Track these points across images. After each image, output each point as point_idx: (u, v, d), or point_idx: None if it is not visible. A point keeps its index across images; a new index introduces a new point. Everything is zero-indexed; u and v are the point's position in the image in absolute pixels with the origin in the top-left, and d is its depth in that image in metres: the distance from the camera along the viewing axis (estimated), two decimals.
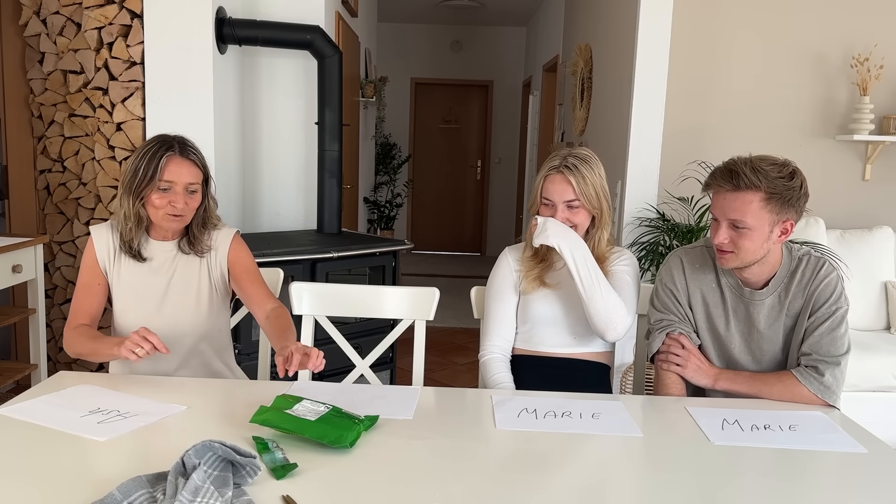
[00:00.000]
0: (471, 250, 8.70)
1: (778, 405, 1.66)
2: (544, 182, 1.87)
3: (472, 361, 4.44)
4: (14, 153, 3.25)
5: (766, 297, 1.72)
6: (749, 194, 1.58)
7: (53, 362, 3.39)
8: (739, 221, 1.60)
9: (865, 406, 2.96)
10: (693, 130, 3.64)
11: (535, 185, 1.92)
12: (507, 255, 2.00)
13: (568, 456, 1.34)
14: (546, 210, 1.88)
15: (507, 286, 1.96)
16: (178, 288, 1.82)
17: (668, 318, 1.79)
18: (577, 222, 1.86)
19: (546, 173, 1.87)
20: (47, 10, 3.17)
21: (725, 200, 1.61)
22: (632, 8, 3.49)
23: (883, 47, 3.55)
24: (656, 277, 1.85)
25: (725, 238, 1.63)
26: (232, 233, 1.88)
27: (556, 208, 1.86)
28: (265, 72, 3.68)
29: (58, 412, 1.44)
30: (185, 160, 1.74)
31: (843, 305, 1.68)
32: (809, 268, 1.71)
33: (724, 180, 1.61)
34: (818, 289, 1.68)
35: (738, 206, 1.59)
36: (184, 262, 1.84)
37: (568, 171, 1.85)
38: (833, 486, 1.25)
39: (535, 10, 7.29)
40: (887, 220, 3.61)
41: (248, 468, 1.16)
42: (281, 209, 3.81)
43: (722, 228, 1.63)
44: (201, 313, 1.85)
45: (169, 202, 1.72)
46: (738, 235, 1.61)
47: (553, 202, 1.86)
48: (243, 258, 1.87)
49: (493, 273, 1.99)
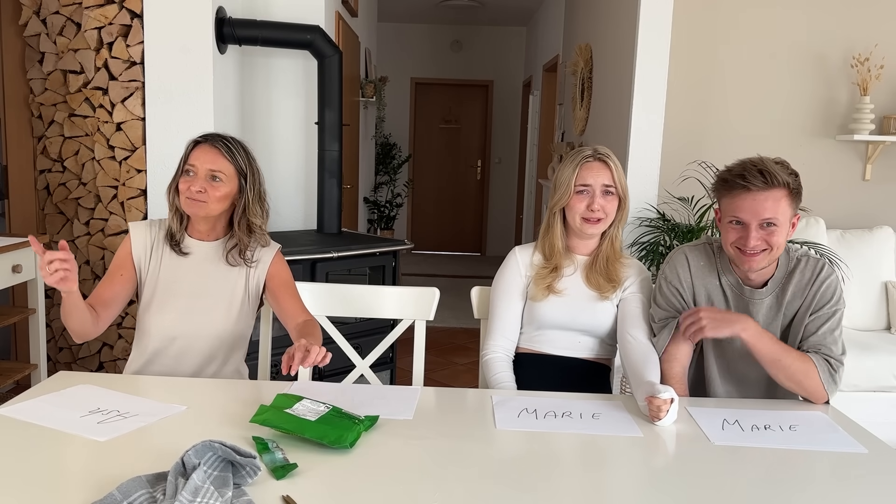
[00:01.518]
0: (471, 250, 8.70)
1: (778, 405, 1.66)
2: (580, 170, 1.86)
3: (472, 361, 4.44)
4: (14, 153, 3.25)
5: (765, 297, 1.72)
6: (777, 191, 1.60)
7: (53, 362, 3.39)
8: (773, 219, 1.60)
9: (865, 406, 2.96)
10: (693, 130, 3.65)
11: (563, 178, 1.88)
12: (516, 255, 1.98)
13: (568, 456, 1.34)
14: (581, 198, 1.85)
15: (514, 288, 1.95)
16: (211, 291, 1.83)
17: (673, 316, 1.78)
18: (610, 210, 1.86)
19: (580, 162, 1.87)
20: (47, 10, 3.17)
21: (756, 200, 1.60)
22: (632, 8, 3.48)
23: (883, 47, 3.55)
24: (660, 274, 1.84)
25: (759, 240, 1.61)
26: (276, 248, 1.91)
27: (593, 195, 1.85)
28: (265, 72, 3.68)
29: (58, 412, 1.44)
30: (211, 147, 1.76)
31: (842, 307, 1.70)
32: (809, 268, 1.71)
33: (754, 179, 1.59)
34: (820, 289, 1.69)
35: (770, 205, 1.60)
36: (224, 272, 1.84)
37: (603, 157, 1.87)
38: (833, 486, 1.25)
39: (535, 10, 7.29)
40: (887, 220, 3.61)
41: (248, 468, 1.16)
42: (281, 209, 3.81)
43: (752, 230, 1.61)
44: (230, 319, 1.85)
45: (189, 186, 1.74)
46: (769, 234, 1.61)
47: (591, 187, 1.85)
48: (282, 272, 1.88)
49: (500, 272, 1.98)
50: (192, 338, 1.82)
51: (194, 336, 1.81)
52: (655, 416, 1.48)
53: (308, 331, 1.72)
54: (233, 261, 1.83)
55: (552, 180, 1.95)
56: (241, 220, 1.82)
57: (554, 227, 1.92)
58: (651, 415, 1.50)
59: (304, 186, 3.82)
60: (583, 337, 1.92)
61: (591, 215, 1.85)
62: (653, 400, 1.49)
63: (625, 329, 1.85)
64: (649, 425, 1.49)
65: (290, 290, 1.87)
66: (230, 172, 1.77)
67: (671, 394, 1.49)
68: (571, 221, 1.89)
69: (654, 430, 1.47)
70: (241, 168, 1.79)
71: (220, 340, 1.85)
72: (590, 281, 1.90)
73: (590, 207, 1.85)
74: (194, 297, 1.82)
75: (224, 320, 1.84)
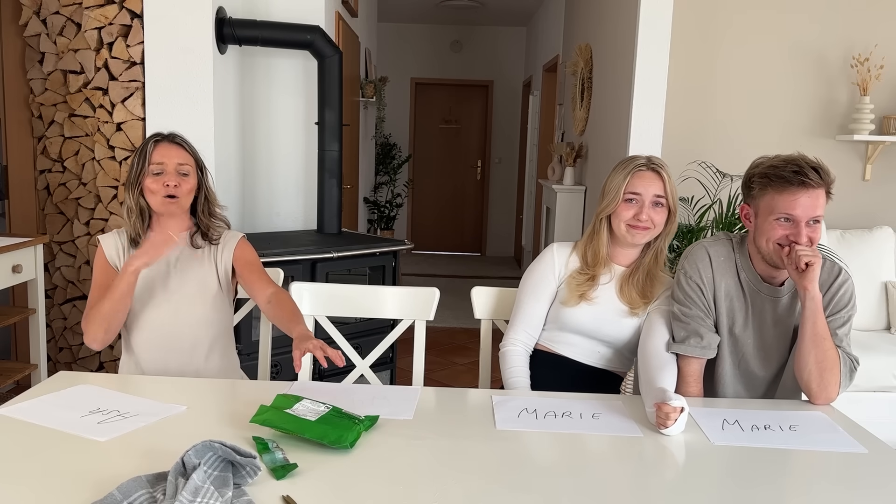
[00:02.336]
0: (471, 250, 8.70)
1: (778, 405, 1.66)
2: (631, 178, 1.83)
3: (472, 361, 4.44)
4: (14, 153, 3.25)
5: (782, 296, 1.72)
6: (820, 190, 1.62)
7: (53, 362, 3.39)
8: (819, 217, 1.62)
9: (865, 406, 2.96)
10: (693, 130, 3.65)
11: (612, 184, 1.86)
12: (553, 253, 1.95)
13: (568, 456, 1.34)
14: (630, 207, 1.84)
15: (545, 286, 1.93)
16: (186, 283, 1.87)
17: (692, 313, 1.75)
18: (658, 221, 1.85)
19: (632, 170, 1.84)
20: (47, 10, 3.17)
21: (810, 198, 1.60)
22: (632, 8, 3.49)
23: (883, 47, 3.55)
24: (679, 269, 1.81)
25: (805, 238, 1.62)
26: (239, 235, 1.97)
27: (643, 204, 1.83)
28: (265, 72, 3.68)
29: (58, 412, 1.44)
30: (172, 144, 1.84)
31: (855, 312, 1.71)
32: (826, 271, 1.71)
33: (812, 175, 1.60)
34: (838, 293, 1.69)
35: (819, 203, 1.62)
36: (193, 259, 1.89)
37: (656, 167, 1.85)
38: (833, 486, 1.25)
39: (535, 10, 7.29)
40: (887, 220, 3.61)
41: (248, 468, 1.16)
42: (281, 209, 3.81)
43: (801, 228, 1.61)
44: (208, 309, 1.89)
45: (163, 183, 1.80)
46: (812, 230, 1.62)
47: (641, 197, 1.83)
48: (246, 254, 1.94)
49: (534, 267, 1.96)
50: (174, 331, 1.86)
51: (176, 329, 1.86)
52: (662, 424, 1.45)
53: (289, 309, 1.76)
54: (200, 242, 1.89)
55: (602, 186, 1.92)
56: (203, 208, 1.90)
57: (600, 233, 1.90)
58: (658, 422, 1.46)
59: (304, 186, 3.82)
60: (603, 348, 1.91)
61: (637, 223, 1.83)
62: (662, 406, 1.45)
63: (647, 338, 1.81)
64: (649, 425, 1.49)
65: (255, 267, 1.92)
66: (193, 164, 1.86)
67: (682, 403, 1.45)
68: (616, 229, 1.87)
69: (653, 431, 1.47)
70: (198, 160, 1.90)
71: (201, 330, 1.88)
72: (623, 294, 1.88)
73: (637, 217, 1.83)
74: (169, 292, 1.86)
75: (202, 310, 1.88)
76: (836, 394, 1.65)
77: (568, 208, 4.65)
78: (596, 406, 1.60)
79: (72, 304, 3.36)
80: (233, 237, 1.95)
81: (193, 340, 1.88)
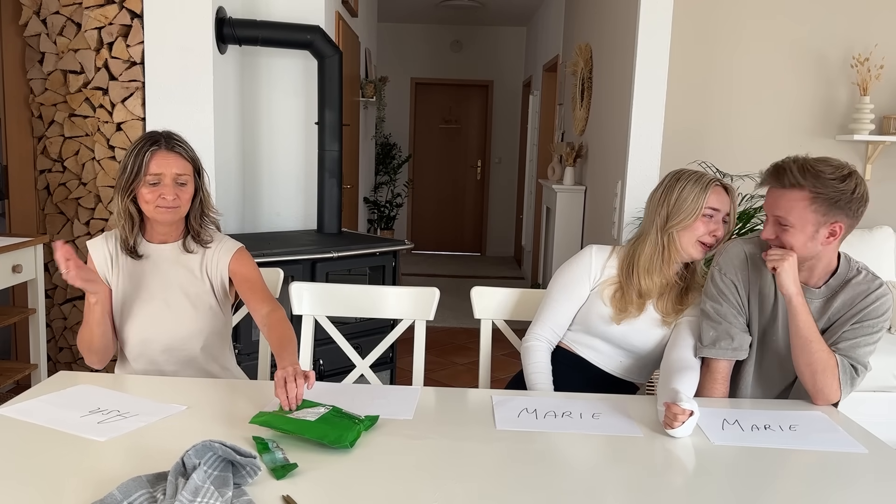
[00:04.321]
0: (471, 250, 8.70)
1: (778, 405, 1.66)
2: (711, 193, 1.80)
3: (472, 361, 4.44)
4: (14, 153, 3.25)
5: (815, 299, 1.69)
6: (794, 192, 1.60)
7: (53, 362, 3.39)
8: (783, 219, 1.61)
9: (865, 406, 2.96)
10: (693, 130, 3.64)
11: (688, 198, 1.80)
12: (592, 255, 1.92)
13: (568, 456, 1.34)
14: (706, 222, 1.81)
15: (578, 287, 1.90)
16: (177, 291, 1.82)
17: (724, 310, 1.74)
18: (720, 236, 1.83)
19: (709, 185, 1.81)
20: (47, 10, 3.17)
21: (772, 197, 1.65)
22: (632, 8, 3.48)
23: (883, 47, 3.55)
24: (713, 265, 1.80)
25: (771, 234, 1.65)
26: (235, 247, 1.88)
27: (718, 220, 1.82)
28: (265, 72, 3.68)
29: (58, 412, 1.44)
30: (170, 153, 1.75)
31: (885, 329, 1.68)
32: (866, 282, 1.67)
33: (771, 178, 1.64)
34: (873, 304, 1.65)
35: (782, 204, 1.61)
36: (185, 266, 1.83)
37: (728, 186, 1.84)
38: (833, 486, 1.25)
39: (535, 10, 7.29)
40: (887, 220, 3.61)
41: (248, 468, 1.16)
42: (281, 209, 3.81)
43: (769, 224, 1.65)
44: (200, 317, 1.84)
45: (159, 195, 1.73)
46: (782, 231, 1.63)
47: (718, 213, 1.82)
48: (243, 268, 1.86)
49: (570, 265, 1.93)
50: (167, 340, 1.81)
51: (168, 338, 1.81)
52: (669, 424, 1.43)
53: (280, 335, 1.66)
54: (192, 247, 1.84)
55: (665, 198, 1.84)
56: (197, 212, 1.83)
57: (670, 247, 1.83)
58: (665, 422, 1.44)
59: (304, 186, 3.82)
60: (626, 357, 1.90)
61: (711, 241, 1.81)
62: (672, 406, 1.43)
63: (673, 345, 1.80)
64: (649, 426, 1.49)
65: (252, 283, 1.84)
66: (191, 172, 1.79)
67: (693, 406, 1.43)
68: (680, 244, 1.82)
69: (653, 431, 1.47)
70: (196, 165, 1.81)
71: (194, 340, 1.83)
72: (658, 305, 1.86)
73: (713, 233, 1.81)
74: (160, 300, 1.81)
75: (193, 319, 1.83)
76: (837, 396, 1.64)
77: (568, 208, 4.65)
78: (596, 406, 1.60)
79: (72, 304, 3.36)
80: (227, 249, 1.86)
81: (187, 352, 1.84)
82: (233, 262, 1.85)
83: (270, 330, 1.70)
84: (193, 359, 1.85)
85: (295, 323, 1.77)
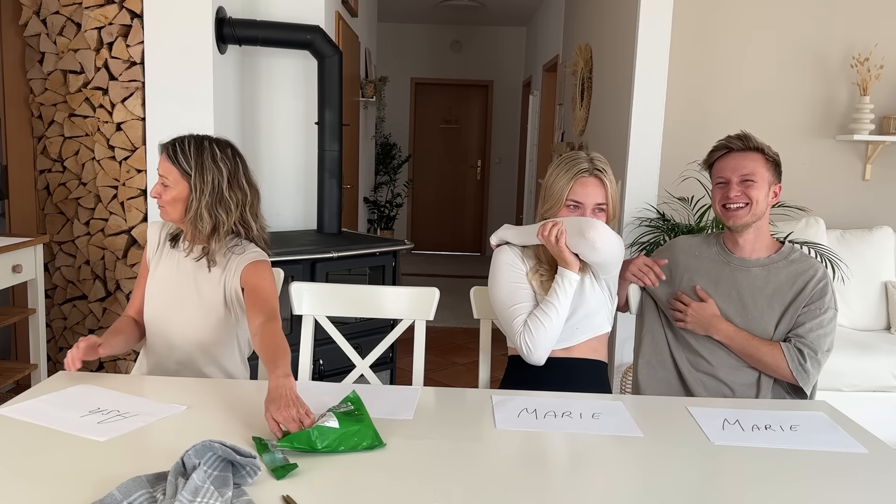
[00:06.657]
0: (471, 250, 8.70)
1: (778, 405, 1.67)
2: (574, 185, 1.81)
3: (472, 361, 4.44)
4: (14, 153, 3.25)
5: (752, 267, 1.88)
6: (755, 153, 1.85)
7: (53, 362, 3.39)
8: (750, 175, 1.83)
9: (865, 406, 2.96)
10: (693, 130, 3.64)
11: (556, 188, 1.84)
12: (506, 254, 1.91)
13: (568, 456, 1.34)
14: (571, 213, 1.83)
15: (521, 277, 1.87)
16: (194, 295, 1.85)
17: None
18: None
19: (576, 176, 1.81)
20: (47, 10, 3.17)
21: (735, 159, 1.86)
22: (632, 8, 3.49)
23: (883, 47, 3.55)
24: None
25: (738, 192, 1.83)
26: (254, 258, 1.83)
27: (584, 211, 1.82)
28: (265, 72, 3.68)
29: (58, 412, 1.44)
30: (162, 154, 1.84)
31: (833, 308, 1.83)
32: (806, 261, 1.87)
33: (737, 140, 1.86)
34: (818, 285, 1.84)
35: (747, 163, 1.84)
36: (205, 273, 1.86)
37: (599, 174, 1.83)
38: (833, 486, 1.25)
39: (535, 10, 7.29)
40: (887, 220, 3.61)
41: (248, 468, 1.16)
42: (281, 209, 3.81)
43: (733, 185, 1.84)
44: (209, 325, 1.85)
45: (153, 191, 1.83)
46: (748, 187, 1.83)
47: (583, 205, 1.82)
48: (252, 277, 1.79)
49: (498, 270, 1.89)
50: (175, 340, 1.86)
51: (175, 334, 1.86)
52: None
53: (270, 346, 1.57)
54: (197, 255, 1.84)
55: (544, 182, 1.91)
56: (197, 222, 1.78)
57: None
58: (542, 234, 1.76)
59: (304, 186, 3.82)
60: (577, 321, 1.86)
61: None
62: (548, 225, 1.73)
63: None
64: (649, 425, 1.49)
65: (255, 292, 1.76)
66: (175, 176, 1.77)
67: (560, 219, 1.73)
68: None
69: (654, 431, 1.47)
70: (185, 170, 1.77)
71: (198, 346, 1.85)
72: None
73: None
74: (180, 301, 1.86)
75: (202, 324, 1.85)
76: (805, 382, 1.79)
77: None
78: (596, 406, 1.60)
79: (72, 304, 3.36)
80: (246, 259, 1.82)
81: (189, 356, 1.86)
82: (245, 272, 1.81)
83: (262, 339, 1.60)
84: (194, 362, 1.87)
85: (295, 323, 1.77)
